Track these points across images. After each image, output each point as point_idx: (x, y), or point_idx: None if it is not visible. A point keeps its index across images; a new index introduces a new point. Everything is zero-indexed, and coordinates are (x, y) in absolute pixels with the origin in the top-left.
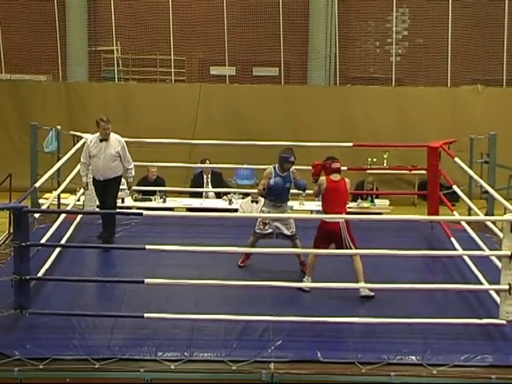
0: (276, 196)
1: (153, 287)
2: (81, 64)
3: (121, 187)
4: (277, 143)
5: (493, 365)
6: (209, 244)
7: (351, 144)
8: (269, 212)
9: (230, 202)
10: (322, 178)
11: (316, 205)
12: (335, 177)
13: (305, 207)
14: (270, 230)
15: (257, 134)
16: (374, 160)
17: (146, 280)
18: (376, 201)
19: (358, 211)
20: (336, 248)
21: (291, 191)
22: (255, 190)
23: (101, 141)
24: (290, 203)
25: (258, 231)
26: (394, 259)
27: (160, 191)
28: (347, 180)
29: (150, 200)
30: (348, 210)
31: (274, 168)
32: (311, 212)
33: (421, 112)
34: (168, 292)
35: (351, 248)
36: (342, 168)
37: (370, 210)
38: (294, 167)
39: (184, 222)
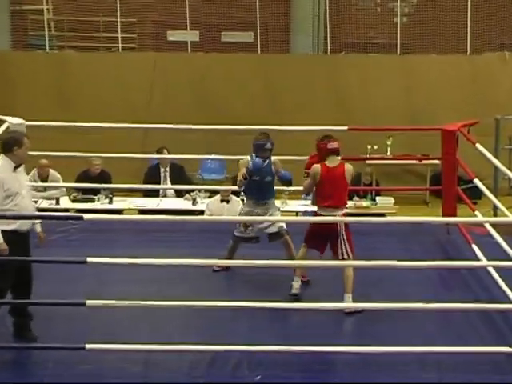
0: (257, 191)
1: (97, 310)
2: (1, 28)
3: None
4: (253, 127)
5: None
6: (168, 255)
7: (346, 128)
8: (251, 211)
9: (194, 201)
10: (316, 166)
11: (302, 204)
12: (332, 161)
13: (288, 208)
14: (251, 234)
15: (228, 117)
16: (375, 147)
17: (88, 301)
18: (378, 199)
19: (355, 212)
20: (331, 247)
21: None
22: (226, 187)
23: (15, 168)
24: None
25: (237, 234)
26: (401, 272)
27: (105, 189)
28: (348, 166)
29: (93, 200)
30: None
31: (251, 157)
32: (296, 214)
33: (433, 86)
34: (116, 316)
35: (346, 249)
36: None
37: (370, 210)
38: (276, 157)
39: (136, 228)
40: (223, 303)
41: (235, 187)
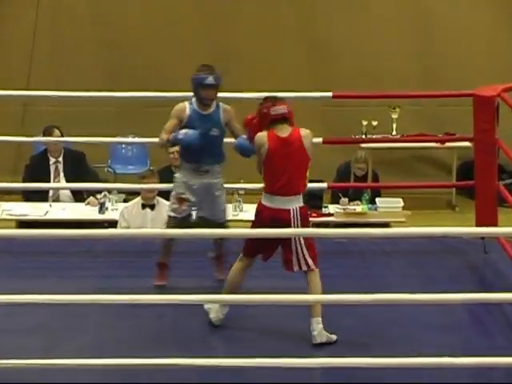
0: (197, 154)
1: None
2: None
3: None
4: (190, 94)
5: None
6: (62, 289)
7: (330, 94)
8: (186, 182)
9: (102, 207)
10: (261, 135)
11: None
12: (282, 130)
13: (244, 215)
14: (188, 211)
15: (151, 79)
16: (374, 124)
17: None
18: (378, 200)
19: (345, 221)
20: (282, 255)
21: None
22: (149, 185)
23: None
24: None
25: (173, 214)
26: (415, 309)
27: None
28: (304, 132)
29: None
30: (326, 217)
31: (191, 103)
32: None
33: (458, 32)
34: None
35: (305, 258)
36: (315, 140)
37: (366, 217)
38: (227, 105)
39: (13, 249)
40: (138, 361)
41: (165, 186)
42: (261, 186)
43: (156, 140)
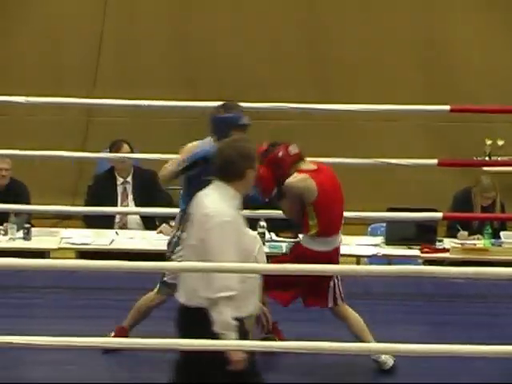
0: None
1: None
2: None
3: None
4: (280, 106)
5: None
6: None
7: (447, 107)
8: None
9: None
10: (301, 178)
11: (364, 243)
12: (307, 165)
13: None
14: None
15: (234, 86)
16: (500, 143)
17: None
18: (503, 235)
19: (463, 258)
20: (312, 292)
21: None
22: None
23: None
24: None
25: (171, 281)
26: None
27: (17, 213)
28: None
29: None
30: (440, 253)
31: (208, 145)
32: (358, 261)
33: None
34: None
35: (340, 291)
36: (429, 161)
37: (489, 255)
38: None
39: (74, 283)
40: None
41: (257, 212)
42: None
43: None
